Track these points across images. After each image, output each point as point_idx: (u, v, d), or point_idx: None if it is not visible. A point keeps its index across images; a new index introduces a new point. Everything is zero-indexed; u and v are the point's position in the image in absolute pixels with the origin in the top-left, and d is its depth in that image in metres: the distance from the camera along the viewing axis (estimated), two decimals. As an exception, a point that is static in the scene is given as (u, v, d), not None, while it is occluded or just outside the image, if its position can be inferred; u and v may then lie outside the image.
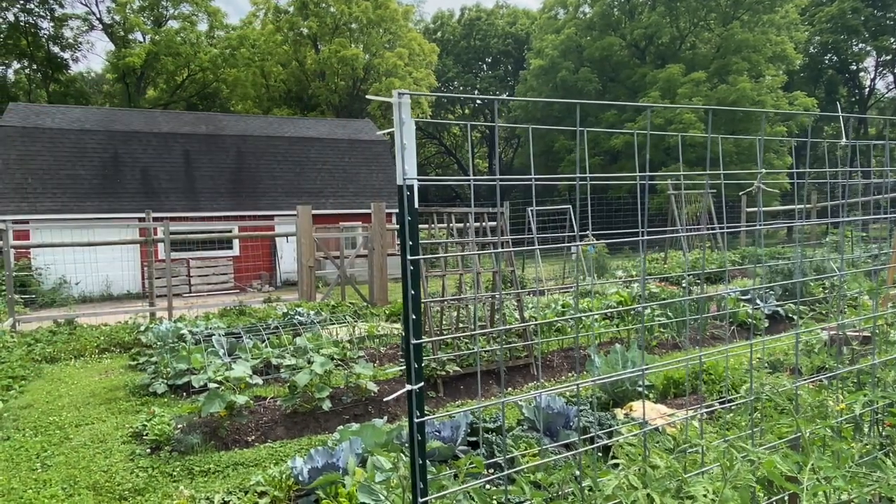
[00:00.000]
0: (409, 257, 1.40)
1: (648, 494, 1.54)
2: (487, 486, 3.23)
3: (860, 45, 41.22)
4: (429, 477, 1.55)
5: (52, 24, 36.64)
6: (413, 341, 1.37)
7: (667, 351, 7.66)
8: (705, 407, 4.05)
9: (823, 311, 7.49)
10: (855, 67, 43.71)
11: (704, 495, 1.58)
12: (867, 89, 45.07)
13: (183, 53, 36.24)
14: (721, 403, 3.95)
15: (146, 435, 5.17)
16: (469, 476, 1.92)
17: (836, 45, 40.83)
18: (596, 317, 8.42)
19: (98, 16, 37.72)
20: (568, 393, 5.20)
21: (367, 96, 1.32)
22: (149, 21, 37.16)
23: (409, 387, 1.38)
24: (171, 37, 36.17)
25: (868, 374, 2.69)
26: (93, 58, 61.95)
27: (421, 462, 1.38)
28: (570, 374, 7.00)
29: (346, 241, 17.17)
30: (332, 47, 36.32)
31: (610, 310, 8.45)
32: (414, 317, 1.38)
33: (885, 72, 44.08)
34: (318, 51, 38.69)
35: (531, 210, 12.59)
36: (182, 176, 21.72)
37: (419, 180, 1.38)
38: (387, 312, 11.54)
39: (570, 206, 18.15)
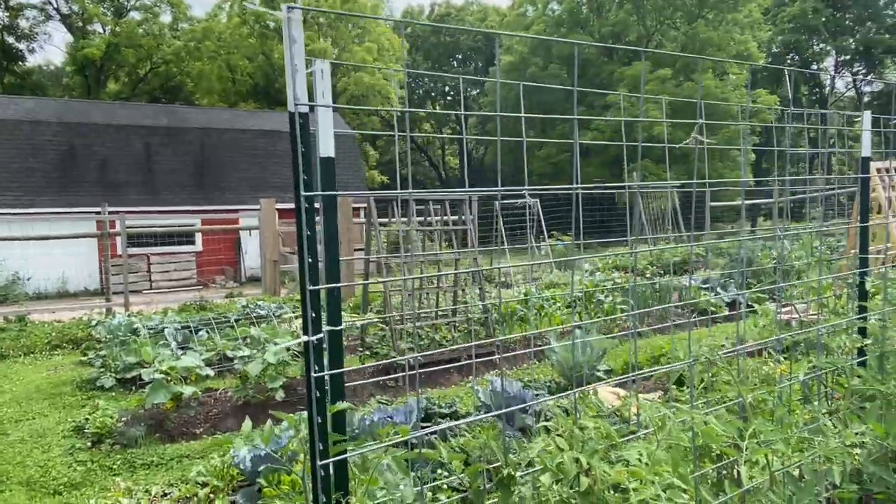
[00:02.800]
0: (303, 193, 1.26)
1: (577, 459, 1.45)
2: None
3: (821, 45, 42.30)
4: (346, 445, 1.44)
5: (6, 13, 35.35)
6: (309, 287, 1.24)
7: (628, 338, 7.67)
8: (637, 376, 4.01)
9: (778, 296, 7.57)
10: (816, 67, 44.82)
11: (639, 459, 1.49)
12: (827, 88, 46.28)
13: (145, 45, 35.28)
14: (661, 374, 3.92)
15: (87, 429, 4.93)
16: (386, 445, 1.81)
17: (798, 44, 41.80)
18: (558, 305, 8.40)
19: (55, 6, 36.52)
20: (526, 378, 5.14)
21: (246, 4, 1.19)
22: (109, 12, 36.10)
23: (304, 337, 1.25)
24: (132, 28, 35.18)
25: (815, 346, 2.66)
26: (51, 49, 60.14)
27: (320, 421, 1.25)
28: (532, 361, 6.96)
29: (312, 236, 16.90)
30: (300, 41, 35.75)
31: (570, 297, 8.43)
32: (310, 260, 1.25)
33: (843, 71, 45.29)
34: (286, 45, 38.07)
35: (497, 203, 12.53)
36: (142, 169, 21.08)
37: (311, 106, 1.25)
38: (351, 305, 11.36)
39: (537, 200, 18.17)
